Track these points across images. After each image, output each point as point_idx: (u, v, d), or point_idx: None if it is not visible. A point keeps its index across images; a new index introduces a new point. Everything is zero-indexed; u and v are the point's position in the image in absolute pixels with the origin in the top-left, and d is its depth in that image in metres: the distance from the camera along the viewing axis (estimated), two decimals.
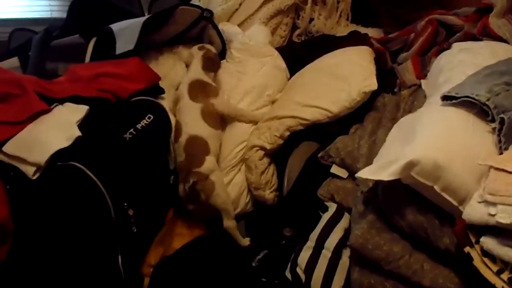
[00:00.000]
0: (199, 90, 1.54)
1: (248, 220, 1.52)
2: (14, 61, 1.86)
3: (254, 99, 1.58)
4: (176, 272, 1.40)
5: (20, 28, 2.00)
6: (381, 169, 1.07)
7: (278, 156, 1.53)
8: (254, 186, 1.50)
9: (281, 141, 1.48)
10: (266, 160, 1.50)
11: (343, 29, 1.98)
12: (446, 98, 1.13)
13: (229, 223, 1.44)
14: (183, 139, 1.47)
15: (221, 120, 1.57)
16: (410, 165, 1.01)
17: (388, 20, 1.99)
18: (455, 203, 1.02)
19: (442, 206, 1.05)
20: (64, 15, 2.01)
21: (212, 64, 1.62)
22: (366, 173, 1.10)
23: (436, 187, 1.02)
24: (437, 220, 1.06)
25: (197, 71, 1.58)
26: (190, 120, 1.49)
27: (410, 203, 1.09)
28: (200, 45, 1.67)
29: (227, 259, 1.40)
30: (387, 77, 1.60)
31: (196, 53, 1.63)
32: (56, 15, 2.44)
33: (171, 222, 1.56)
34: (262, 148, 1.49)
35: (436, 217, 1.07)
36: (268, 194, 1.50)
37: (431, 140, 1.04)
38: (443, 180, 1.01)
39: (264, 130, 1.50)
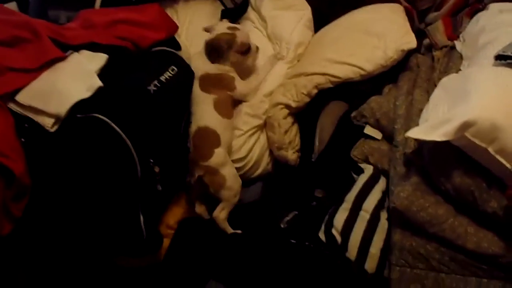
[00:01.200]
0: (211, 83, 1.41)
1: (278, 181, 1.46)
2: (12, 6, 1.70)
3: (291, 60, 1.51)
4: (200, 232, 1.35)
5: None
6: (433, 129, 1.03)
7: (302, 115, 1.47)
8: (277, 146, 1.44)
9: (307, 99, 1.41)
10: (290, 119, 1.44)
11: None
12: (499, 57, 1.09)
13: (222, 215, 1.35)
14: (192, 129, 1.38)
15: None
16: (466, 125, 0.97)
17: None
18: (509, 166, 0.99)
19: (493, 169, 1.03)
20: None
21: (216, 53, 1.42)
22: (416, 133, 1.06)
23: (490, 149, 0.98)
24: (485, 183, 1.04)
25: (205, 64, 1.43)
26: (201, 111, 1.39)
27: (458, 165, 1.06)
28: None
29: (253, 219, 1.35)
30: None
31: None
32: None
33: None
34: (287, 106, 1.42)
35: (484, 180, 1.04)
36: (291, 155, 1.45)
37: (487, 100, 1.00)
38: (499, 141, 0.97)
39: (289, 87, 1.43)
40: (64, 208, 1.18)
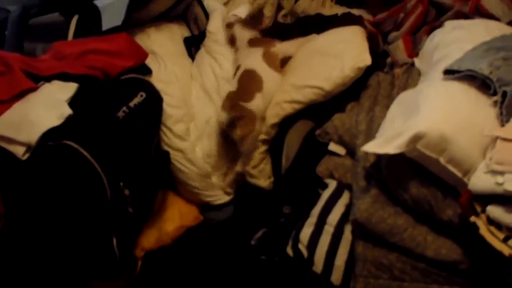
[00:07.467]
0: (257, 42, 1.57)
1: (246, 199, 1.50)
2: None
3: None
4: (170, 258, 1.38)
5: None
6: (387, 142, 1.07)
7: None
8: (249, 174, 1.48)
9: (277, 128, 1.47)
10: (263, 148, 1.47)
11: (328, 10, 1.95)
12: (448, 72, 1.14)
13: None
14: (239, 72, 1.48)
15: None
16: (417, 138, 1.02)
17: (373, 1, 1.99)
18: (459, 174, 1.03)
19: (446, 178, 1.07)
20: None
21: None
22: (371, 147, 1.10)
23: (441, 160, 1.03)
24: (440, 192, 1.08)
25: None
26: (250, 59, 1.50)
27: (413, 176, 1.10)
28: None
29: (224, 240, 1.38)
30: (378, 57, 1.59)
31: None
32: None
33: (161, 205, 1.52)
34: (262, 140, 1.47)
35: (439, 189, 1.08)
36: (263, 182, 1.48)
37: (436, 112, 1.05)
38: (448, 152, 1.02)
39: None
40: (37, 234, 1.21)
